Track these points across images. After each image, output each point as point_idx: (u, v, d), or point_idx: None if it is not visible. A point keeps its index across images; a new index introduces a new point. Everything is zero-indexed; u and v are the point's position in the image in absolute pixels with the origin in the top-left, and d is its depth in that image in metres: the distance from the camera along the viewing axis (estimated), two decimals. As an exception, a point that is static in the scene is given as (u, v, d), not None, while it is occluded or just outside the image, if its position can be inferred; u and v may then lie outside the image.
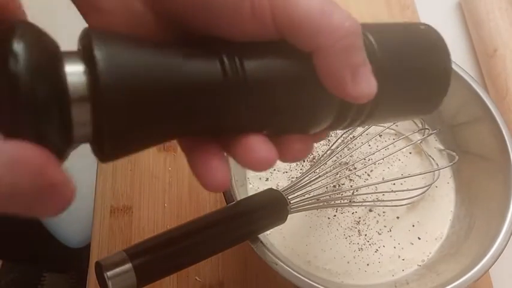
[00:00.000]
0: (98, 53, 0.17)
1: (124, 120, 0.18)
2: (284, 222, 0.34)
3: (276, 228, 0.36)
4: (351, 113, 0.23)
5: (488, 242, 0.36)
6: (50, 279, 0.95)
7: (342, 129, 0.24)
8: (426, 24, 0.26)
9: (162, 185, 0.47)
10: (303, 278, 0.33)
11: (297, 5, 0.20)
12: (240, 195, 0.36)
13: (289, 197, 0.35)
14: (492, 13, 0.54)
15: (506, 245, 0.35)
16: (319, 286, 0.33)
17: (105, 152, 0.18)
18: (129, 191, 0.46)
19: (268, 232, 0.41)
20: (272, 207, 0.34)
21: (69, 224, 0.71)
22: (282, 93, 0.21)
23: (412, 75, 0.24)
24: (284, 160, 0.23)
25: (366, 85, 0.20)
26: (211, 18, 0.20)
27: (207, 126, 0.21)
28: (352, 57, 0.20)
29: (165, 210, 0.46)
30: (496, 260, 0.35)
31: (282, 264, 0.33)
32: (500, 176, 0.39)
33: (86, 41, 0.18)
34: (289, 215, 0.34)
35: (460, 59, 0.57)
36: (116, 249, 0.44)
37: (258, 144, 0.21)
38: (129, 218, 0.45)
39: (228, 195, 0.36)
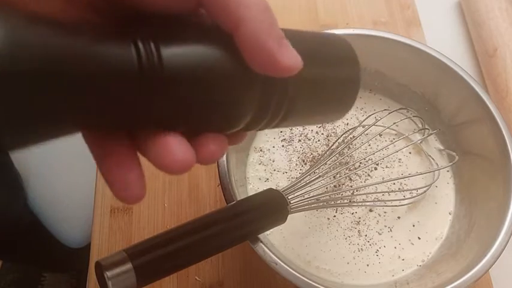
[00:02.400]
0: None
1: (20, 104, 0.16)
2: (284, 222, 0.34)
3: (276, 228, 0.36)
4: (269, 110, 0.23)
5: (488, 242, 0.36)
6: (50, 279, 0.95)
7: (257, 130, 0.24)
8: (338, 35, 0.27)
9: (162, 185, 0.47)
10: (303, 278, 0.33)
11: None
12: (240, 195, 0.36)
13: (289, 197, 0.35)
14: (492, 13, 0.54)
15: (506, 245, 0.35)
16: (319, 286, 0.33)
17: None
18: (129, 191, 0.46)
19: (268, 232, 0.41)
20: (272, 207, 0.34)
21: (69, 224, 0.71)
22: (202, 82, 0.20)
23: (326, 80, 0.25)
24: (200, 161, 0.21)
25: (292, 55, 0.20)
26: None
27: (119, 119, 0.19)
28: (275, 29, 0.20)
29: (165, 210, 0.46)
30: (496, 260, 0.35)
31: (282, 264, 0.33)
32: (500, 176, 0.39)
33: None
34: (289, 215, 0.34)
35: (460, 59, 0.57)
36: (116, 249, 0.44)
37: (175, 146, 0.20)
38: (129, 218, 0.45)
39: (228, 195, 0.36)
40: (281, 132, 0.46)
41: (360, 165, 0.44)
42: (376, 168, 0.45)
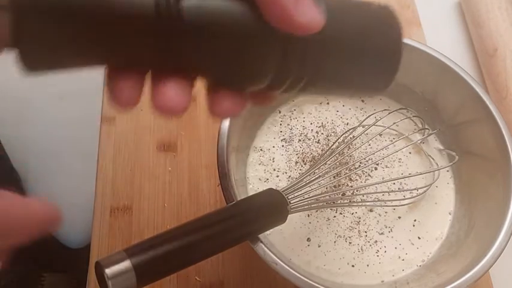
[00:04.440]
0: None
1: (48, 28, 0.17)
2: (284, 222, 0.34)
3: (276, 228, 0.36)
4: (292, 69, 0.22)
5: (488, 242, 0.36)
6: (50, 279, 0.95)
7: (282, 92, 0.23)
8: (386, 5, 0.25)
9: (162, 185, 0.47)
10: (303, 277, 0.33)
11: None
12: (240, 195, 0.36)
13: (289, 197, 0.35)
14: (492, 13, 0.54)
15: (506, 245, 0.35)
16: (319, 286, 0.33)
17: (27, 59, 0.18)
18: (129, 191, 0.46)
19: (268, 232, 0.41)
20: (272, 207, 0.34)
21: (69, 224, 0.71)
22: (221, 34, 0.20)
23: (361, 47, 0.24)
24: (214, 116, 0.22)
25: (310, 13, 0.20)
26: None
27: (140, 58, 0.20)
28: None
29: (165, 210, 0.46)
30: (496, 260, 0.35)
31: (282, 264, 0.33)
32: (500, 176, 0.39)
33: None
34: (289, 216, 0.34)
35: (460, 58, 0.57)
36: (115, 249, 0.44)
37: (174, 85, 0.20)
38: (129, 218, 0.45)
39: (228, 195, 0.36)
40: (281, 132, 0.46)
41: (359, 165, 0.44)
42: (376, 168, 0.45)
